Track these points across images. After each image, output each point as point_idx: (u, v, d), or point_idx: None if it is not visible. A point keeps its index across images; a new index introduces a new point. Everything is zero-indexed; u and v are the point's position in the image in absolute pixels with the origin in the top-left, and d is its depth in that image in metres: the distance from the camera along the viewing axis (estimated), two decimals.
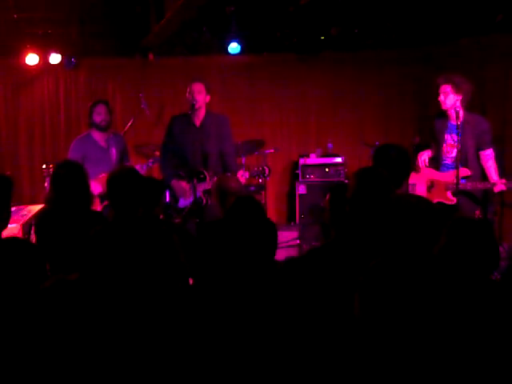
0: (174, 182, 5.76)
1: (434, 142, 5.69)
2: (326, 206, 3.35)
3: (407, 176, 4.28)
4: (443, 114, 5.59)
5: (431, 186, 5.56)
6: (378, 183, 3.22)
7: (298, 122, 8.93)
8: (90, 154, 6.19)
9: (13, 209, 5.62)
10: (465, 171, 5.42)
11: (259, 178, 5.52)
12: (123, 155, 6.35)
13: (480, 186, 5.37)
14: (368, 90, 8.74)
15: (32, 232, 4.83)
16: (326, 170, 8.20)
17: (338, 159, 8.23)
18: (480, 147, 5.50)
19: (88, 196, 4.16)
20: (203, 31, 7.50)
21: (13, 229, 5.26)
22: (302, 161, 8.29)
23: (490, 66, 7.80)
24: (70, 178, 4.08)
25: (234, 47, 7.90)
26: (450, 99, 5.44)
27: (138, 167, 6.07)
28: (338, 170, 8.18)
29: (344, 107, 8.85)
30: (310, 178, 8.20)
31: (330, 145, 8.50)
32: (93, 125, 6.25)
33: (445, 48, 8.22)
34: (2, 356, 2.19)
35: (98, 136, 6.27)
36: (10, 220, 4.66)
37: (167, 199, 5.84)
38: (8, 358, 2.16)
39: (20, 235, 5.35)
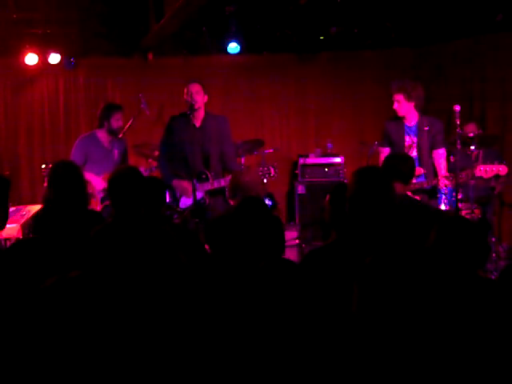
0: (176, 182, 5.75)
1: (389, 144, 5.96)
2: (327, 206, 3.35)
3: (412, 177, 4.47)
4: (396, 117, 5.93)
5: None
6: (378, 182, 3.22)
7: (297, 121, 8.93)
8: (92, 153, 6.24)
9: (12, 209, 5.63)
10: (419, 170, 5.62)
11: (264, 177, 5.54)
12: (124, 157, 6.40)
13: (434, 182, 5.59)
14: (367, 90, 8.74)
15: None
16: (326, 169, 8.19)
17: (338, 159, 8.22)
18: (434, 146, 5.82)
19: (85, 195, 4.16)
20: (203, 31, 7.50)
21: (12, 229, 5.26)
22: (301, 161, 8.28)
23: (490, 65, 7.80)
24: (67, 177, 4.08)
25: (233, 47, 7.89)
26: (404, 107, 5.80)
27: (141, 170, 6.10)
28: (338, 169, 8.17)
29: (343, 107, 8.85)
30: (309, 178, 8.19)
31: (329, 145, 8.49)
32: (108, 129, 6.30)
33: (444, 48, 8.23)
34: (3, 354, 2.19)
35: (102, 136, 6.32)
36: (10, 220, 4.65)
37: (167, 199, 5.83)
38: (9, 356, 2.16)
39: (20, 235, 5.35)
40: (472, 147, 6.27)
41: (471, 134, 6.35)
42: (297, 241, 7.36)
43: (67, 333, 2.07)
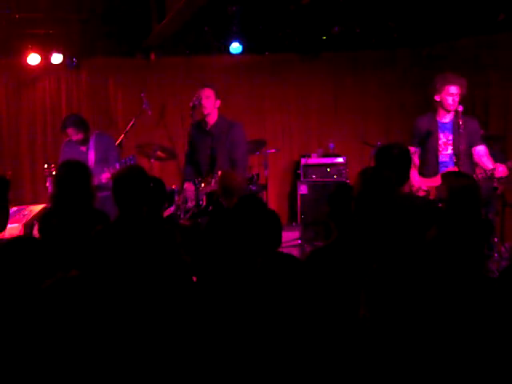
0: (185, 184, 5.83)
1: (420, 143, 5.73)
2: (329, 205, 3.36)
3: (408, 174, 4.30)
4: (430, 113, 5.69)
5: (428, 195, 5.52)
6: (383, 183, 3.23)
7: (299, 121, 8.93)
8: (71, 157, 6.19)
9: (14, 209, 5.64)
10: (454, 170, 5.47)
11: (249, 183, 5.60)
12: (108, 154, 6.27)
13: (481, 175, 5.38)
14: (369, 90, 8.74)
15: (34, 231, 4.83)
16: (328, 169, 8.19)
17: (340, 159, 8.23)
18: (472, 144, 5.58)
19: (90, 195, 4.18)
20: (205, 31, 7.50)
21: (14, 229, 5.26)
22: (303, 161, 8.29)
23: (491, 65, 7.79)
24: (73, 177, 4.10)
25: (235, 47, 7.90)
26: (457, 101, 5.52)
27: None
28: (340, 169, 8.17)
29: (345, 107, 8.85)
30: (311, 177, 8.19)
31: (331, 145, 8.49)
32: None
33: (446, 48, 8.21)
34: (4, 354, 2.19)
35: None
36: (12, 220, 4.66)
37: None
38: (10, 356, 2.16)
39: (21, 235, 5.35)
40: None
41: None
42: (299, 241, 7.36)
43: (66, 332, 2.07)
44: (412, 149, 5.62)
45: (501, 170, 5.32)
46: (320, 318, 2.44)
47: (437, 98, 5.61)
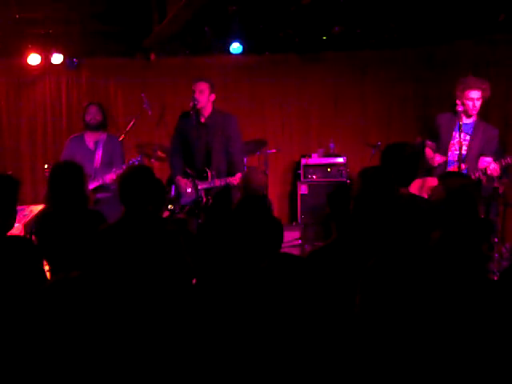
0: (177, 179, 5.81)
1: (435, 139, 5.74)
2: (328, 205, 3.36)
3: (416, 175, 4.28)
4: (454, 112, 5.66)
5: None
6: (383, 183, 3.22)
7: (299, 121, 8.92)
8: (77, 154, 6.17)
9: None
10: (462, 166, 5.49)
11: None
12: (113, 158, 6.23)
13: (477, 174, 5.41)
14: (370, 90, 8.74)
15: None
16: (328, 170, 8.20)
17: (340, 159, 8.23)
18: (483, 152, 5.61)
19: (85, 195, 4.16)
20: (205, 31, 7.49)
21: (14, 228, 5.25)
22: (303, 161, 8.29)
23: (492, 66, 7.79)
24: (66, 178, 4.08)
25: (235, 47, 7.90)
26: (478, 105, 5.59)
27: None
28: (340, 170, 8.18)
29: (346, 107, 8.85)
30: (311, 178, 8.19)
31: (331, 145, 8.49)
32: (84, 124, 6.29)
33: (446, 48, 8.21)
34: (3, 354, 2.19)
35: (88, 137, 6.30)
36: None
37: (172, 194, 5.88)
38: (10, 356, 2.16)
39: (22, 235, 5.35)
40: None
41: None
42: (299, 241, 7.36)
43: (68, 333, 2.07)
44: (429, 142, 5.73)
45: (492, 168, 5.35)
46: (320, 318, 2.44)
47: (458, 103, 5.63)
